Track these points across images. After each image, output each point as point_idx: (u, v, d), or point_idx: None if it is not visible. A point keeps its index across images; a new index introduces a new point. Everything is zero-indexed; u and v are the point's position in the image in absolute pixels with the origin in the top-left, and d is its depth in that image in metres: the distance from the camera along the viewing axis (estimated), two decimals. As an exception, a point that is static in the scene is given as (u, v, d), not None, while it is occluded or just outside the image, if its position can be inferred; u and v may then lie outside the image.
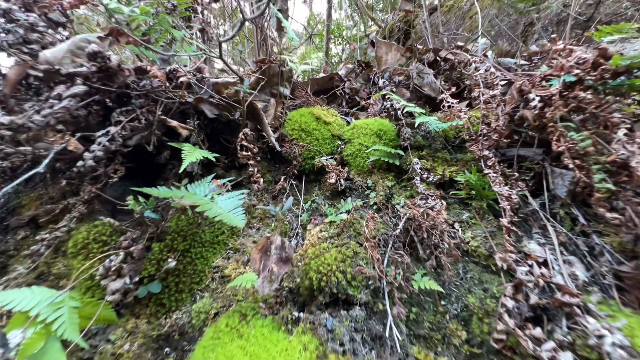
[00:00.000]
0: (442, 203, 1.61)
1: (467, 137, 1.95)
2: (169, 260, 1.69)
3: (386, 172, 2.01)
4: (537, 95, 1.51)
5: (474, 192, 1.74)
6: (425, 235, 1.53)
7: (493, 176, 1.54)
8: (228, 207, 1.46)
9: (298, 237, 1.87)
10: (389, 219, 1.78)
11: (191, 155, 1.80)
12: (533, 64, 2.44)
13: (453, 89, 2.18)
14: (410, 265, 1.36)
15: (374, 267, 1.33)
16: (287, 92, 2.42)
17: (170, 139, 2.10)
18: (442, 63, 2.67)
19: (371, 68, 3.32)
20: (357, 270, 1.25)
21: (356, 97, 3.12)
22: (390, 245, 1.54)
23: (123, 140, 1.74)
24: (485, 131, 1.67)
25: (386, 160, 1.90)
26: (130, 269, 1.51)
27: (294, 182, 2.29)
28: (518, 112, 1.74)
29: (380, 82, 2.53)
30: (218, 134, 2.29)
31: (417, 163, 1.82)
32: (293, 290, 1.50)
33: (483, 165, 1.67)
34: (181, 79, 1.85)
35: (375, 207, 1.89)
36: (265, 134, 2.13)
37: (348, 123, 2.42)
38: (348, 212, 1.86)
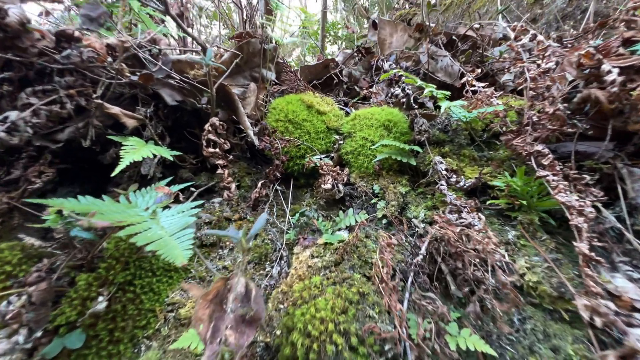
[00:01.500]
0: (480, 218, 1.15)
1: (503, 128, 1.50)
2: (100, 298, 1.21)
3: (398, 175, 1.55)
4: (614, 67, 1.06)
5: (519, 201, 1.28)
6: (459, 265, 1.06)
7: (553, 180, 1.09)
8: (173, 227, 0.99)
9: (282, 263, 1.40)
10: (404, 238, 1.32)
11: (135, 152, 1.32)
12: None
13: (478, 71, 1.73)
14: (445, 315, 0.89)
15: (391, 321, 0.87)
16: (271, 75, 1.95)
17: (120, 132, 1.62)
18: (459, 44, 2.23)
19: (372, 54, 2.87)
20: (366, 328, 0.79)
21: (355, 87, 2.67)
22: (410, 279, 1.08)
23: (39, 130, 1.26)
24: (535, 119, 1.21)
25: (398, 159, 1.44)
26: (30, 318, 1.02)
27: (279, 187, 1.82)
28: (573, 94, 1.30)
29: (386, 66, 2.08)
30: (183, 126, 1.81)
31: (441, 162, 1.36)
32: (270, 348, 1.03)
33: (534, 165, 1.22)
34: (124, 54, 1.37)
35: (384, 221, 1.43)
36: (242, 126, 1.66)
37: (347, 114, 1.95)
38: (349, 229, 1.39)
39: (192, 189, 1.76)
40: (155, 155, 1.55)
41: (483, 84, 1.65)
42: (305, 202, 1.73)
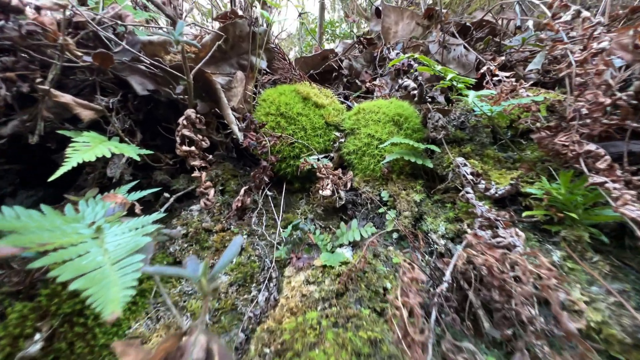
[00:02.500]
0: (519, 235, 0.91)
1: (537, 125, 1.26)
2: (36, 336, 0.96)
3: (410, 179, 1.30)
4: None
5: (562, 213, 1.04)
6: (496, 296, 0.82)
7: (614, 189, 0.85)
8: (120, 251, 0.74)
9: (270, 286, 1.15)
10: (421, 258, 1.07)
11: (87, 151, 1.06)
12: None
13: (501, 59, 1.49)
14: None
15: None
16: (262, 63, 1.70)
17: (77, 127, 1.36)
18: (474, 32, 1.99)
19: (375, 45, 2.63)
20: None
21: (357, 81, 2.42)
22: (434, 315, 0.83)
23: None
24: (585, 111, 0.97)
25: (411, 160, 1.19)
26: None
27: (270, 192, 1.56)
28: (629, 82, 1.06)
29: (393, 54, 1.84)
30: (158, 120, 1.55)
31: (465, 164, 1.12)
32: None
33: (585, 169, 0.98)
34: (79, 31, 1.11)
35: (395, 235, 1.18)
36: (226, 121, 1.40)
37: (349, 108, 1.71)
38: (353, 245, 1.15)
39: (166, 194, 1.50)
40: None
41: (508, 74, 1.41)
42: (300, 210, 1.47)
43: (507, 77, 1.43)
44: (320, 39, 4.49)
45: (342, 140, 1.45)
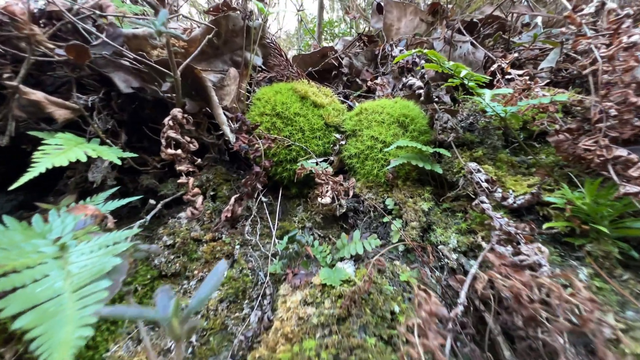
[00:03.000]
0: (542, 251, 0.80)
1: (556, 126, 1.16)
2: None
3: (417, 186, 1.19)
4: None
5: (588, 225, 0.94)
6: (519, 322, 0.71)
7: (651, 199, 0.75)
8: (84, 274, 0.63)
9: (264, 304, 1.04)
10: (430, 274, 0.97)
11: (59, 155, 0.95)
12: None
13: (514, 55, 1.39)
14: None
15: None
16: (257, 60, 1.59)
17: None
18: (482, 28, 1.89)
19: (376, 43, 2.52)
20: None
21: (357, 80, 2.32)
22: (449, 344, 0.72)
23: None
24: (614, 112, 0.87)
25: (419, 165, 1.09)
26: None
27: (265, 198, 1.45)
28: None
29: (396, 51, 1.73)
30: (144, 121, 1.44)
31: (479, 170, 1.01)
32: None
33: (614, 177, 0.88)
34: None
35: (401, 247, 1.08)
36: (217, 121, 1.30)
37: (350, 108, 1.60)
38: (355, 259, 1.04)
39: (152, 200, 1.39)
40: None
41: (521, 72, 1.31)
42: (297, 217, 1.37)
43: (519, 75, 1.33)
44: (319, 38, 4.39)
45: (343, 142, 1.35)
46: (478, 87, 1.18)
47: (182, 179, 1.08)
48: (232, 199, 0.97)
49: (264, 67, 1.62)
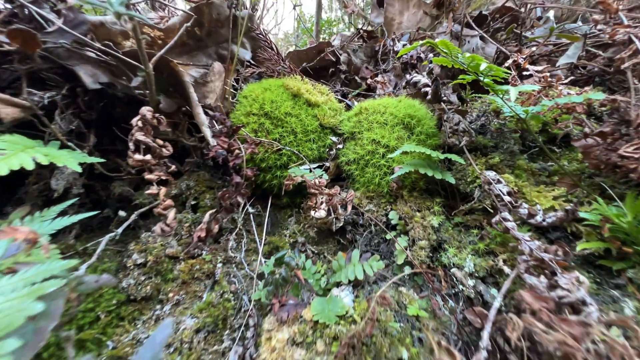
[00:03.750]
0: (580, 282, 0.65)
1: (583, 129, 1.02)
2: None
3: (425, 197, 1.04)
4: None
5: (627, 247, 0.80)
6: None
7: None
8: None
9: (247, 337, 0.88)
10: (442, 304, 0.82)
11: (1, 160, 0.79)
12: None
13: (532, 49, 1.24)
14: None
15: None
16: (245, 54, 1.43)
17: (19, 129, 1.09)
18: (492, 22, 1.74)
19: (376, 39, 2.37)
20: None
21: (356, 78, 2.16)
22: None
23: None
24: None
25: (428, 174, 0.94)
26: None
27: (252, 208, 1.29)
28: None
29: (399, 46, 1.58)
30: (115, 120, 1.28)
31: (499, 181, 0.86)
32: None
33: (666, 192, 0.73)
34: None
35: (408, 270, 0.92)
36: (196, 121, 1.14)
37: (348, 107, 1.45)
38: (354, 284, 0.89)
39: (122, 212, 1.23)
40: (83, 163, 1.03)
41: (541, 67, 1.16)
42: (288, 230, 1.21)
43: (538, 71, 1.18)
44: (317, 37, 4.24)
45: (340, 146, 1.19)
46: (494, 84, 1.03)
47: (152, 189, 0.92)
48: (207, 215, 0.81)
49: (252, 62, 1.46)
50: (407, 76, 1.47)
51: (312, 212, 0.96)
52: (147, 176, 0.91)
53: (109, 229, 1.33)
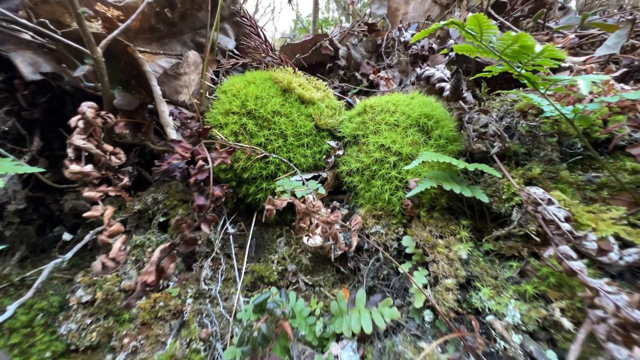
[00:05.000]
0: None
1: (646, 134, 0.81)
2: None
3: (448, 218, 0.83)
4: None
5: None
6: None
7: None
8: None
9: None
10: (480, 371, 0.60)
11: None
12: None
13: (570, 37, 1.04)
14: None
15: None
16: (228, 42, 1.21)
17: None
18: (511, 12, 1.53)
19: (378, 32, 2.16)
20: None
21: (356, 74, 1.95)
22: None
23: None
24: None
25: (455, 191, 0.72)
26: None
27: (232, 228, 1.07)
28: None
29: (407, 35, 1.37)
30: (66, 119, 1.06)
31: (550, 202, 0.65)
32: None
33: None
34: None
35: (428, 315, 0.71)
36: (160, 121, 0.92)
37: (349, 106, 1.24)
38: (360, 338, 0.67)
39: (67, 235, 1.01)
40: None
41: (582, 58, 0.96)
42: (276, 255, 0.99)
43: (581, 63, 0.97)
44: (314, 27, 4.04)
45: (340, 152, 0.98)
46: (535, 76, 0.82)
47: (94, 211, 0.70)
48: (157, 252, 0.58)
49: (236, 53, 1.24)
50: (418, 70, 1.26)
51: (305, 239, 0.74)
52: (86, 193, 0.69)
53: (66, 249, 1.10)
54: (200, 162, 0.63)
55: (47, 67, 0.92)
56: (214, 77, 1.16)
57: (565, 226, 0.61)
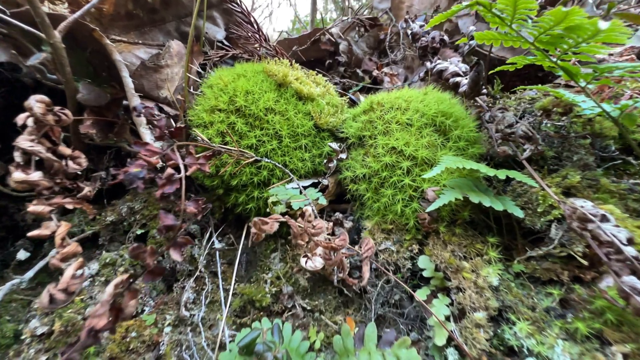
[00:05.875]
0: None
1: None
2: None
3: (472, 234, 0.70)
4: None
5: None
6: None
7: None
8: None
9: None
10: None
11: None
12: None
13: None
14: None
15: None
16: (217, 32, 1.08)
17: None
18: None
19: (381, 27, 2.04)
20: None
21: (358, 71, 1.83)
22: None
23: None
24: None
25: (484, 203, 0.59)
26: None
27: (219, 243, 0.94)
28: None
29: (415, 27, 1.25)
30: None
31: (604, 218, 0.53)
32: None
33: None
34: None
35: (453, 356, 0.58)
36: (133, 119, 0.79)
37: (353, 103, 1.11)
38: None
39: (22, 253, 0.88)
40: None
41: (618, 49, 0.84)
42: (269, 274, 0.86)
43: (617, 55, 0.85)
44: (312, 23, 3.94)
45: (343, 156, 0.85)
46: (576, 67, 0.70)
47: (43, 229, 0.57)
48: (111, 287, 0.44)
49: (226, 44, 1.12)
50: (428, 64, 1.14)
51: (303, 260, 0.61)
52: (31, 208, 0.55)
53: (32, 263, 0.97)
54: (169, 171, 0.50)
55: (2, 56, 0.79)
56: (200, 70, 1.02)
57: (630, 251, 0.49)
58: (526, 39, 0.71)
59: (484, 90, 0.95)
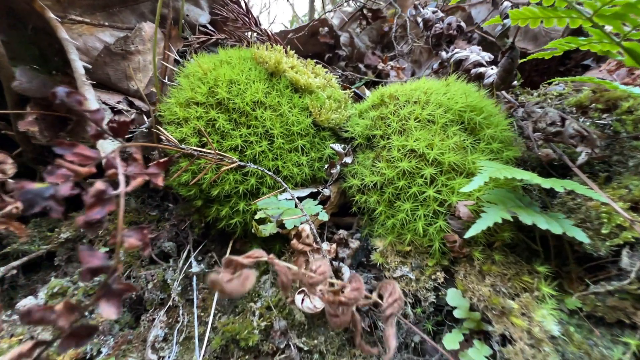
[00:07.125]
0: None
1: None
2: None
3: (515, 262, 0.55)
4: None
5: None
6: None
7: None
8: None
9: None
10: None
11: None
12: None
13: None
14: None
15: None
16: (200, 15, 0.93)
17: None
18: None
19: (384, 19, 1.90)
20: None
21: (360, 65, 1.68)
22: None
23: None
24: None
25: (540, 226, 0.44)
26: None
27: (197, 266, 0.78)
28: None
29: (428, 13, 1.10)
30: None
31: None
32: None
33: None
34: None
35: None
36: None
37: (358, 97, 0.96)
38: None
39: None
40: None
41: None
42: (257, 304, 0.70)
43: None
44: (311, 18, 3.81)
45: (348, 160, 0.70)
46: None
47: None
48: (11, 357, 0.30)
49: (210, 28, 0.96)
50: (443, 54, 0.99)
51: (298, 299, 0.46)
52: None
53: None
54: (98, 187, 0.34)
55: None
56: (179, 58, 0.87)
57: None
58: (582, 13, 0.57)
59: (514, 83, 0.80)
